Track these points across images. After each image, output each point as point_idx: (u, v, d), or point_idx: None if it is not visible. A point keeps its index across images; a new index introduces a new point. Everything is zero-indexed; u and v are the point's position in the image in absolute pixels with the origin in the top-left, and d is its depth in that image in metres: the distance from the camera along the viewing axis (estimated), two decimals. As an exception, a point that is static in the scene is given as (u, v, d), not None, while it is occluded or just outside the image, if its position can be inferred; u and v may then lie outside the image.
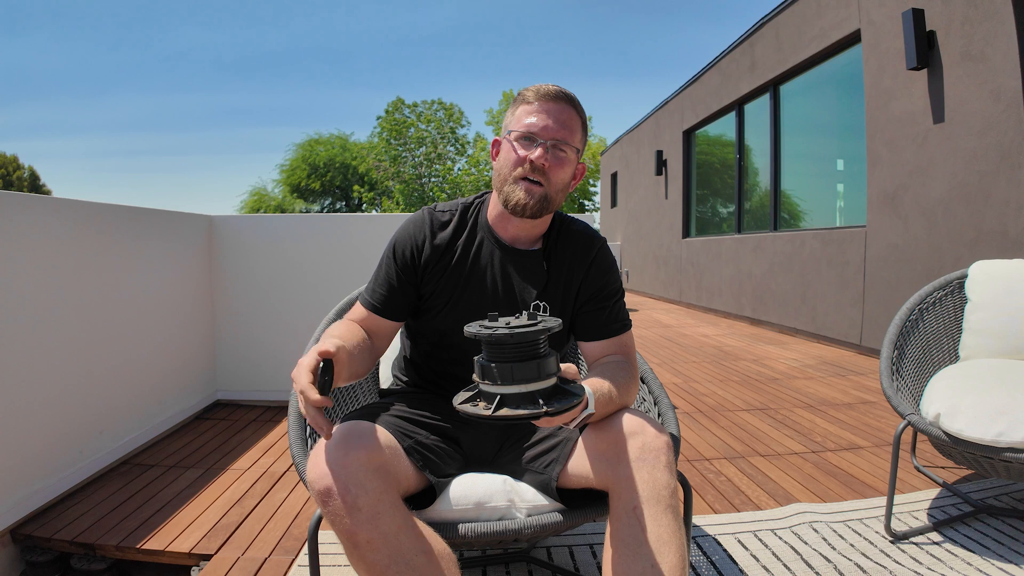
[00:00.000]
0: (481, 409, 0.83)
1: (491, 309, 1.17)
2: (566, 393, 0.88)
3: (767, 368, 3.93)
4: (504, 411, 0.82)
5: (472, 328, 0.86)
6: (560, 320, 0.89)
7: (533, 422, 0.85)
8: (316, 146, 27.20)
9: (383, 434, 1.01)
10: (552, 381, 0.86)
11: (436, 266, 1.19)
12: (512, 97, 1.22)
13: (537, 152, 1.11)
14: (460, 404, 0.85)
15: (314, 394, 0.86)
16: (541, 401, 0.84)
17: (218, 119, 59.74)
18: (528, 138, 1.13)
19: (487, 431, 1.20)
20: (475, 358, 0.87)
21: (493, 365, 0.84)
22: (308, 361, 0.91)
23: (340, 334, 1.06)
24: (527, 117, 1.13)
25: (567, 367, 0.94)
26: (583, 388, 0.92)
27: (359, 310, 1.22)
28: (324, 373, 0.92)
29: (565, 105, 1.14)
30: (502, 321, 0.87)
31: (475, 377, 0.87)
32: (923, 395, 1.63)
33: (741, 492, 1.96)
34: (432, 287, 1.20)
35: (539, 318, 0.88)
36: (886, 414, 2.81)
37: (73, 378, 2.00)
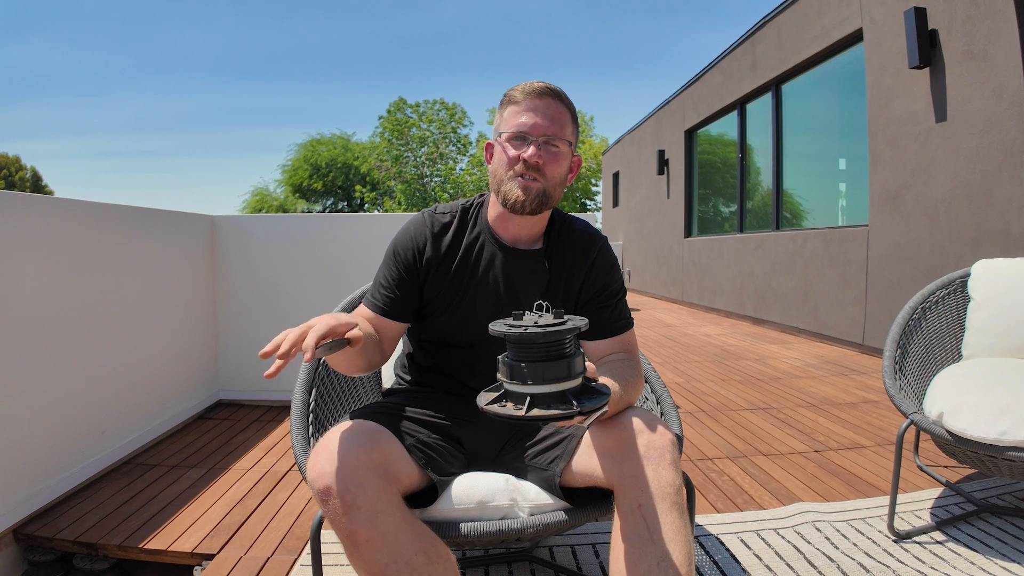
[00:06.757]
0: (512, 410, 0.80)
1: (493, 310, 1.17)
2: (593, 391, 0.86)
3: (769, 367, 3.92)
4: (536, 411, 0.79)
5: (498, 327, 0.82)
6: (587, 319, 0.87)
7: (564, 422, 0.82)
8: (318, 146, 27.19)
9: (385, 433, 1.01)
10: (580, 380, 0.84)
11: (438, 268, 1.19)
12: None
13: (530, 150, 1.11)
14: (487, 405, 0.83)
15: (311, 345, 0.84)
16: (573, 401, 0.81)
17: (220, 119, 60.00)
18: (520, 137, 1.13)
19: (490, 430, 1.20)
20: (499, 357, 0.85)
21: (523, 365, 0.80)
22: (332, 326, 0.89)
23: (362, 324, 1.08)
24: (516, 117, 1.13)
25: (589, 365, 0.92)
26: (607, 386, 0.90)
27: (364, 311, 1.22)
28: (334, 346, 0.91)
29: (552, 100, 1.13)
30: (528, 319, 0.84)
31: (500, 377, 0.84)
32: (926, 394, 1.63)
33: (744, 491, 1.95)
34: (435, 289, 1.19)
35: (566, 316, 0.85)
36: (889, 413, 2.81)
37: (75, 378, 2.00)
